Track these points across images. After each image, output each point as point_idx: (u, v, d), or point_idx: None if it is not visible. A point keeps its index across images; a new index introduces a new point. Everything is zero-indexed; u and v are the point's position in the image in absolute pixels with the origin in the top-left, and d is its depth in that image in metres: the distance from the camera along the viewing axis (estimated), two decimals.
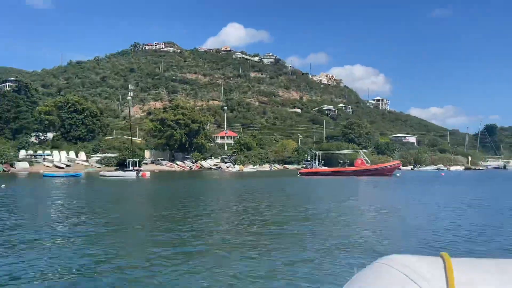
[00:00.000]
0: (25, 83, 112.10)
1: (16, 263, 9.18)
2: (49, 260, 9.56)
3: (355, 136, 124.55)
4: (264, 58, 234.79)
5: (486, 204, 23.13)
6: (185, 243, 11.61)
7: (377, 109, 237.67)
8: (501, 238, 12.83)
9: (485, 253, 10.77)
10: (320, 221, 16.17)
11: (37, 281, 8.03)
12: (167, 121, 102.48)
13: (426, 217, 17.43)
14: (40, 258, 9.66)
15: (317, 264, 9.40)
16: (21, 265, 9.03)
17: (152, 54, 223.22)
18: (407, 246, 11.43)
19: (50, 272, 8.62)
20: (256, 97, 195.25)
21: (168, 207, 21.17)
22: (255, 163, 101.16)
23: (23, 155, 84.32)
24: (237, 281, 8.09)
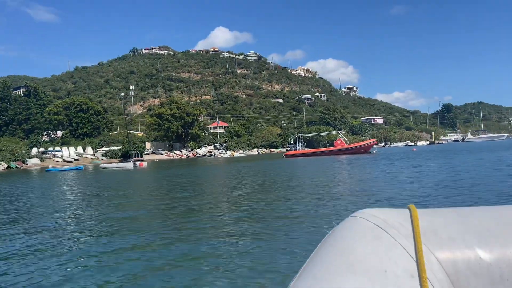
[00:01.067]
0: (34, 88, 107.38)
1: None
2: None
3: (331, 120, 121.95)
4: (248, 56, 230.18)
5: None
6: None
7: (348, 96, 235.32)
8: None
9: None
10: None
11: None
12: (164, 115, 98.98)
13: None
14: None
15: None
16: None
17: (149, 57, 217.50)
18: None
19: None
20: (243, 91, 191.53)
21: (159, 192, 18.29)
22: (244, 149, 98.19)
23: (35, 152, 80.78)
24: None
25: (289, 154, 59.62)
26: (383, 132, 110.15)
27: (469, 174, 20.15)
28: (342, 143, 59.08)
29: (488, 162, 27.87)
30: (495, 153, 39.53)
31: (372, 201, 12.41)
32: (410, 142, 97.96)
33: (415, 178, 19.45)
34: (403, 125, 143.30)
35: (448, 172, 22.29)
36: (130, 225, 10.51)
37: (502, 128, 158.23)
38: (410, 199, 12.47)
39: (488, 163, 27.36)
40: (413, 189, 15.41)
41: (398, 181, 18.80)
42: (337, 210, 10.80)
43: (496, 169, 22.28)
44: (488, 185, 15.11)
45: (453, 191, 13.81)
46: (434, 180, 18.25)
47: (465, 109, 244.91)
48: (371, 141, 63.56)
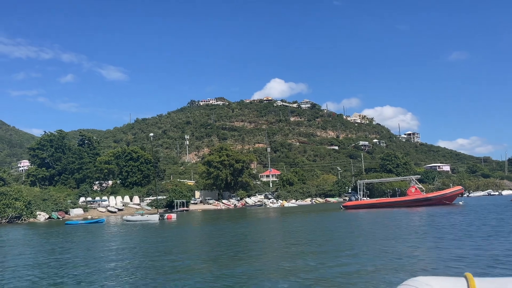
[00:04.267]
0: (88, 137, 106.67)
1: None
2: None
3: (393, 167, 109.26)
4: (302, 104, 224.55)
5: None
6: None
7: (409, 142, 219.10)
8: None
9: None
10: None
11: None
12: (213, 162, 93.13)
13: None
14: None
15: None
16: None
17: (204, 108, 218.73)
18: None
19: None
20: (297, 138, 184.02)
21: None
22: (297, 198, 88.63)
23: (82, 201, 76.98)
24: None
25: (349, 205, 48.31)
26: (455, 179, 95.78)
27: None
28: (417, 191, 46.15)
29: None
30: None
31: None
32: (492, 191, 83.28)
33: None
34: (477, 172, 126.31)
35: None
36: None
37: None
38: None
39: None
40: None
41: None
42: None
43: None
44: None
45: None
46: None
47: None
48: (457, 189, 48.76)
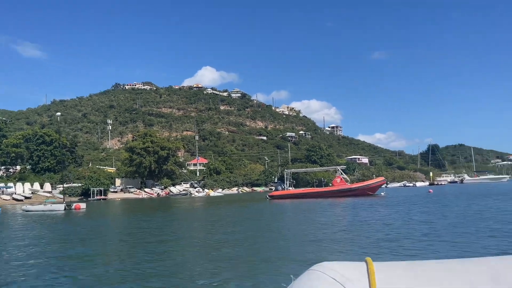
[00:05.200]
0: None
1: None
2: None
3: (318, 158, 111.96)
4: (232, 93, 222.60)
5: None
6: None
7: (333, 135, 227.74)
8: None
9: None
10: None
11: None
12: (136, 149, 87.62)
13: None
14: None
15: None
16: None
17: (130, 92, 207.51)
18: None
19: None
20: (226, 127, 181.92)
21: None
22: (223, 187, 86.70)
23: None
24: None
25: (275, 195, 46.42)
26: (374, 171, 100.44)
27: None
28: (342, 181, 45.48)
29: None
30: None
31: None
32: (407, 182, 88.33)
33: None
34: (394, 165, 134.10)
35: None
36: None
37: (490, 170, 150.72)
38: None
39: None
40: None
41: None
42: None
43: None
44: None
45: None
46: None
47: (447, 151, 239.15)
48: (380, 180, 48.49)
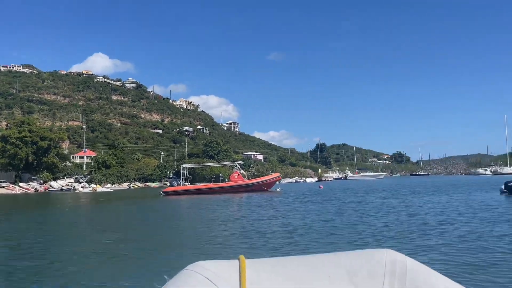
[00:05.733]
0: None
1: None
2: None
3: (215, 153, 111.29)
4: (126, 83, 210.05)
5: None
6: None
7: (230, 131, 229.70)
8: None
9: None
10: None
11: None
12: (10, 138, 76.91)
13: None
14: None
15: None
16: None
17: (6, 75, 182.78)
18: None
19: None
20: (118, 119, 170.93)
21: None
22: (113, 182, 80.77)
23: None
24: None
25: (170, 191, 44.15)
26: (269, 167, 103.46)
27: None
28: (240, 177, 44.96)
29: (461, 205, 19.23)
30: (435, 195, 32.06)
31: None
32: (298, 178, 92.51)
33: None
34: (286, 161, 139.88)
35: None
36: None
37: (368, 168, 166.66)
38: None
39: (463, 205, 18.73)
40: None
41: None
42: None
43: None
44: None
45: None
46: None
47: (332, 150, 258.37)
48: (276, 176, 49.74)
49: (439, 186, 44.92)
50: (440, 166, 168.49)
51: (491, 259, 8.12)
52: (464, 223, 13.73)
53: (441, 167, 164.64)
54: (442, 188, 39.99)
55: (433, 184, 51.14)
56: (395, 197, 28.53)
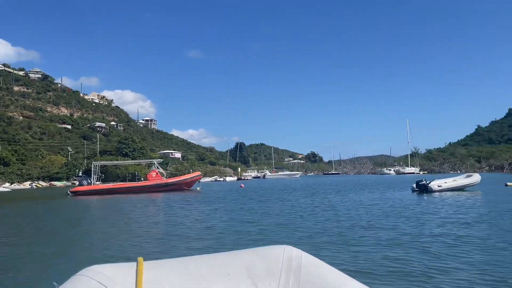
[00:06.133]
0: None
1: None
2: None
3: (130, 151, 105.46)
4: (30, 73, 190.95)
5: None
6: None
7: (147, 128, 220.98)
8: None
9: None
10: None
11: None
12: None
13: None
14: None
15: None
16: None
17: None
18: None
19: None
20: (20, 112, 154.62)
21: None
22: (13, 181, 72.40)
23: None
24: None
25: (78, 191, 39.79)
26: (188, 166, 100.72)
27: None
28: (158, 176, 42.10)
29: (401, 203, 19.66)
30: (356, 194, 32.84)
31: None
32: (218, 177, 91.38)
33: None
34: (206, 160, 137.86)
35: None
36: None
37: (285, 167, 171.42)
38: None
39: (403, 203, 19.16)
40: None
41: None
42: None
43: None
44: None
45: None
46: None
47: (251, 149, 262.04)
48: (196, 175, 47.32)
49: (354, 185, 46.97)
50: (350, 165, 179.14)
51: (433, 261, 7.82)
52: (391, 222, 13.74)
53: (351, 167, 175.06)
54: (357, 186, 41.75)
55: (348, 183, 53.53)
56: (317, 196, 28.80)
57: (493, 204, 19.38)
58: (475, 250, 8.59)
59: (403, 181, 53.09)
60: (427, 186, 28.79)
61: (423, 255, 8.20)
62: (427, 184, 28.90)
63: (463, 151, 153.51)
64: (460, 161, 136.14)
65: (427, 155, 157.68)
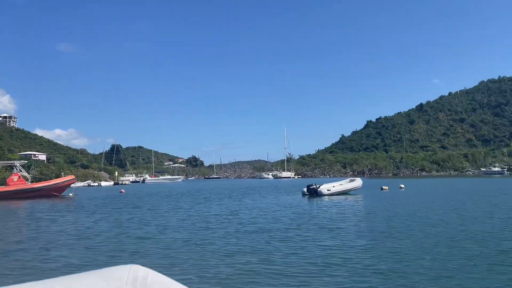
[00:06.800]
0: None
1: None
2: None
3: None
4: None
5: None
6: None
7: (4, 126, 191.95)
8: None
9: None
10: None
11: None
12: None
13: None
14: None
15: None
16: None
17: None
18: None
19: None
20: None
21: None
22: None
23: None
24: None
25: None
26: (55, 169, 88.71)
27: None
28: (21, 180, 35.60)
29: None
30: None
31: None
32: (92, 182, 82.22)
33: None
34: (77, 163, 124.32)
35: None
36: None
37: (165, 171, 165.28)
38: None
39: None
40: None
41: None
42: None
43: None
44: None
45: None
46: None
47: (128, 152, 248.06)
48: (69, 179, 41.02)
49: (242, 189, 46.33)
50: (230, 170, 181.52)
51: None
52: (297, 228, 12.66)
53: (231, 171, 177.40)
54: (247, 191, 41.06)
55: (234, 187, 52.80)
56: (211, 201, 26.91)
57: (374, 206, 20.22)
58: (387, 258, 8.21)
59: (285, 186, 54.53)
60: (317, 190, 29.29)
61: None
62: (317, 188, 29.40)
63: (331, 158, 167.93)
64: (329, 167, 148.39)
65: (300, 161, 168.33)
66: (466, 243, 9.94)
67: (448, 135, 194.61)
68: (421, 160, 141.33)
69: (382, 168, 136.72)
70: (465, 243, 10.01)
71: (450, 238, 10.67)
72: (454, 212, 16.94)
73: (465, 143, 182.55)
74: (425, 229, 12.39)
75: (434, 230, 12.08)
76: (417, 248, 9.59)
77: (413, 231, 11.99)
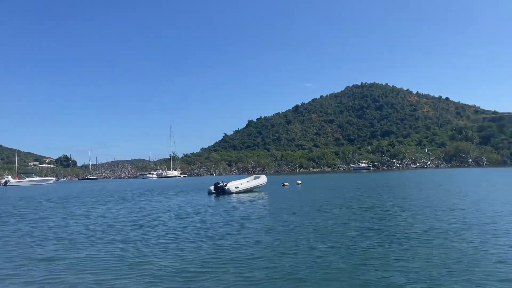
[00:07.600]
0: None
1: None
2: None
3: None
4: None
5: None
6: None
7: None
8: None
9: None
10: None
11: None
12: None
13: None
14: None
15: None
16: None
17: None
18: None
19: None
20: None
21: None
22: None
23: None
24: None
25: None
26: None
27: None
28: None
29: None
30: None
31: None
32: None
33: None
34: None
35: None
36: None
37: (33, 172, 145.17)
38: None
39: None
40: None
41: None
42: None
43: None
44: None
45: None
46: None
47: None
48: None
49: (137, 190, 42.13)
50: (109, 170, 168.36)
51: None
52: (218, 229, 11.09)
53: (110, 171, 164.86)
54: (143, 192, 37.27)
55: (124, 188, 48.13)
56: (107, 205, 23.21)
57: (280, 201, 19.77)
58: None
59: (179, 185, 51.85)
60: (224, 188, 27.81)
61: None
62: (224, 186, 27.91)
63: (217, 156, 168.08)
64: (214, 165, 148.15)
65: (185, 159, 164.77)
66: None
67: (320, 135, 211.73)
68: (299, 158, 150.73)
69: (265, 165, 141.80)
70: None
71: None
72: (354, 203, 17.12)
73: (334, 142, 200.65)
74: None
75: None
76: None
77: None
